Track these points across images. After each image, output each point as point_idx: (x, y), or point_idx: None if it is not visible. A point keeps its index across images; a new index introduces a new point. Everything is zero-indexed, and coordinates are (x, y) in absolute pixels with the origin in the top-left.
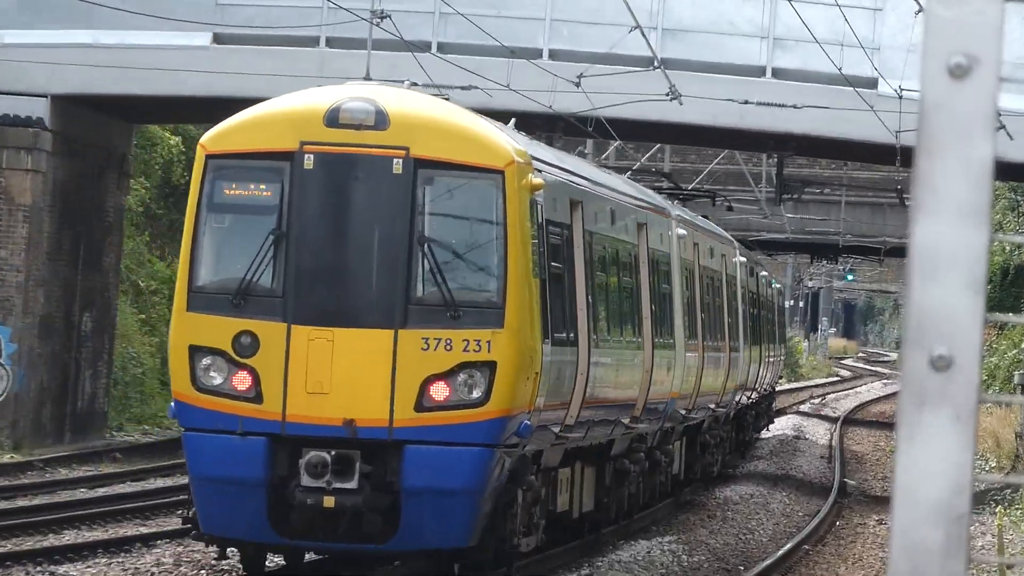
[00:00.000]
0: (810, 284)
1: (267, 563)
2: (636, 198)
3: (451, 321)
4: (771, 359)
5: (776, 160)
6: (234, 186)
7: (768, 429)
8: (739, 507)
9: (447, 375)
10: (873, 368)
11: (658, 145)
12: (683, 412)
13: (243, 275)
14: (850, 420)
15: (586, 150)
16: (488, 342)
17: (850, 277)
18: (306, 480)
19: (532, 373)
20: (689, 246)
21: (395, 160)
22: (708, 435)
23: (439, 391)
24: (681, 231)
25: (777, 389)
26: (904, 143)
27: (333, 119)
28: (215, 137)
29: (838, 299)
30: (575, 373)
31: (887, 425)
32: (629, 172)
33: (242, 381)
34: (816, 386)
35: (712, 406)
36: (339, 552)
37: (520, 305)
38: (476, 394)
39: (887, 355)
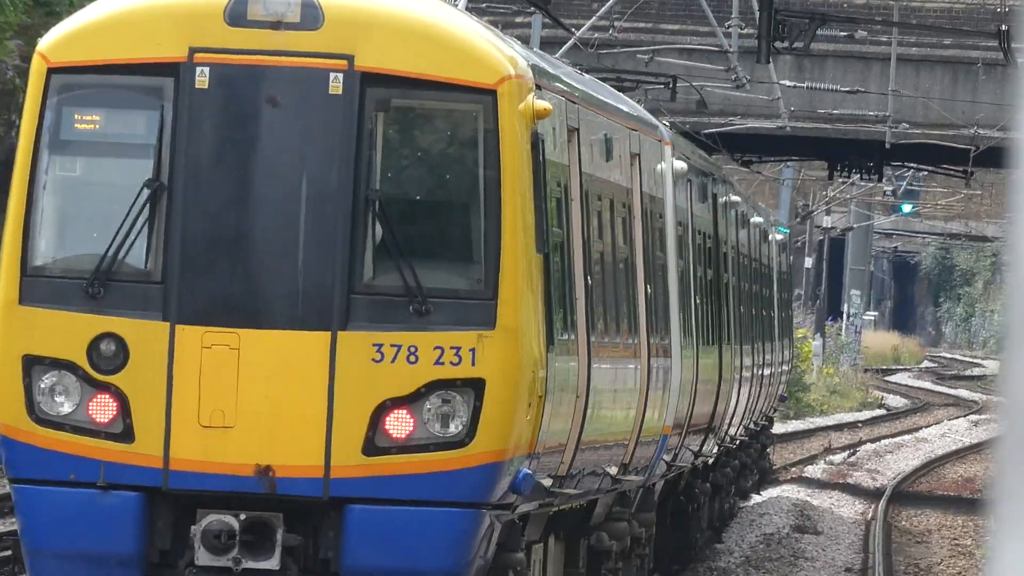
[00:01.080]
0: (827, 224)
1: None
2: (619, 108)
3: (416, 318)
4: (757, 372)
5: None
6: (89, 115)
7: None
8: None
9: (411, 400)
10: (953, 390)
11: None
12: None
13: (104, 250)
14: (906, 496)
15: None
16: (472, 350)
17: (907, 209)
18: (203, 557)
19: (535, 397)
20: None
21: (332, 74)
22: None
23: (399, 424)
24: (679, 163)
25: (775, 427)
26: None
27: (239, 14)
28: (62, 41)
29: (883, 254)
30: (574, 396)
31: (979, 505)
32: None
33: (103, 409)
34: (838, 427)
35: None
36: None
37: (520, 294)
38: (455, 428)
39: (980, 363)
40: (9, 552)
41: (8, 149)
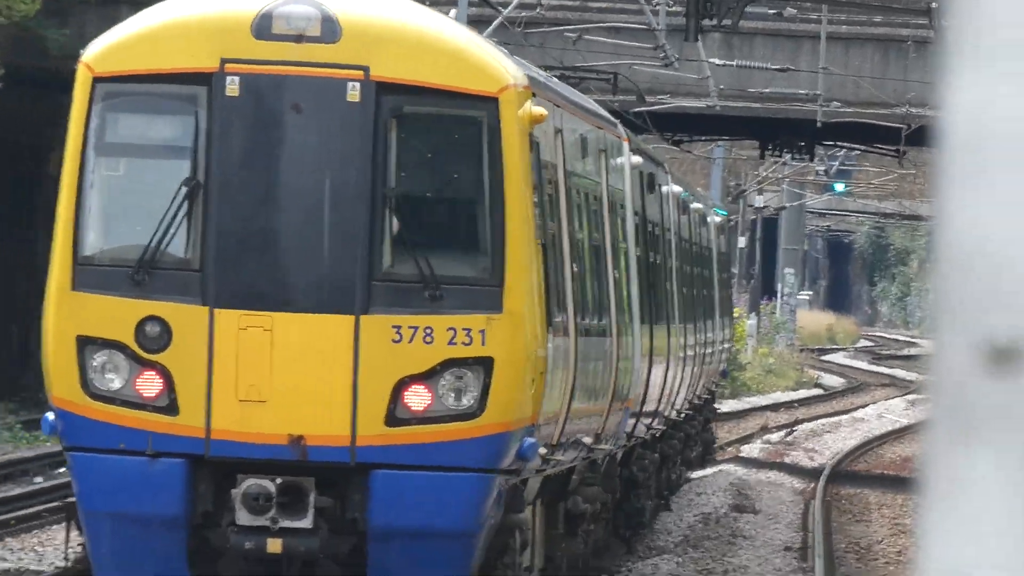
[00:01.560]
0: (760, 203)
1: None
2: (588, 107)
3: (431, 303)
4: (700, 349)
5: None
6: (131, 120)
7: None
8: None
9: (427, 376)
10: (889, 370)
11: None
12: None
13: (147, 241)
14: (844, 475)
15: None
16: (482, 331)
17: (839, 188)
18: (243, 517)
19: (537, 373)
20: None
21: (350, 84)
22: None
23: (417, 398)
24: (635, 158)
25: (717, 406)
26: None
27: (265, 28)
28: (105, 53)
29: (817, 233)
30: (565, 373)
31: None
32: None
33: (150, 385)
34: (774, 406)
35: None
36: None
37: (523, 281)
38: (467, 401)
39: (916, 342)
40: (58, 504)
41: None
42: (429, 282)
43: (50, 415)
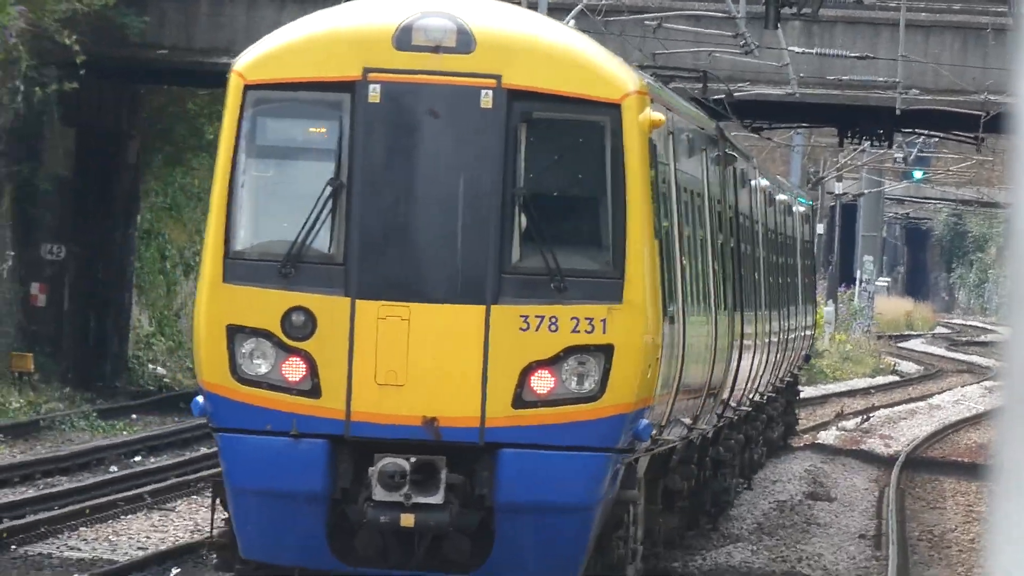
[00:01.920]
0: (839, 190)
1: None
2: (690, 109)
3: (556, 294)
4: (784, 334)
5: None
6: (279, 124)
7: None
8: None
9: (552, 362)
10: (966, 356)
11: None
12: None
13: (294, 237)
14: (919, 462)
15: None
16: (603, 321)
17: (918, 175)
18: (379, 493)
19: (653, 359)
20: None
21: (484, 91)
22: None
23: (542, 382)
24: (729, 155)
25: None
26: None
27: (405, 40)
28: (256, 63)
29: (895, 220)
30: (676, 359)
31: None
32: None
33: (295, 370)
34: (850, 393)
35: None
36: None
37: (642, 274)
38: (588, 386)
39: (992, 328)
40: (203, 484)
41: (12, 117)
42: (555, 275)
43: (199, 398)
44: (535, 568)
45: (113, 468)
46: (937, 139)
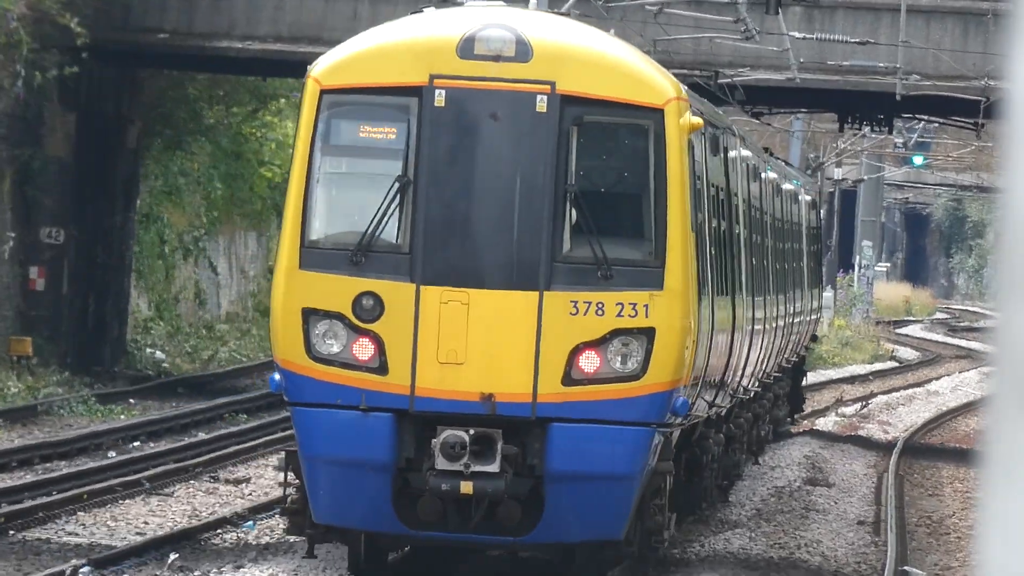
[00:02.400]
0: (838, 176)
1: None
2: (716, 111)
3: (603, 282)
4: (792, 317)
5: None
6: (353, 126)
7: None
8: None
9: (598, 344)
10: (965, 342)
11: None
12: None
13: (364, 228)
14: (918, 448)
15: None
16: (645, 306)
17: (918, 161)
18: (441, 462)
19: (690, 341)
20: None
21: (539, 97)
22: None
23: (589, 362)
24: (744, 152)
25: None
26: None
27: (468, 49)
28: (331, 69)
29: (894, 205)
30: (706, 341)
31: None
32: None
33: (364, 349)
34: (849, 379)
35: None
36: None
37: (681, 264)
38: (632, 365)
39: (991, 314)
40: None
41: (13, 101)
42: (602, 264)
43: (276, 375)
44: (580, 533)
45: (111, 453)
46: (937, 124)
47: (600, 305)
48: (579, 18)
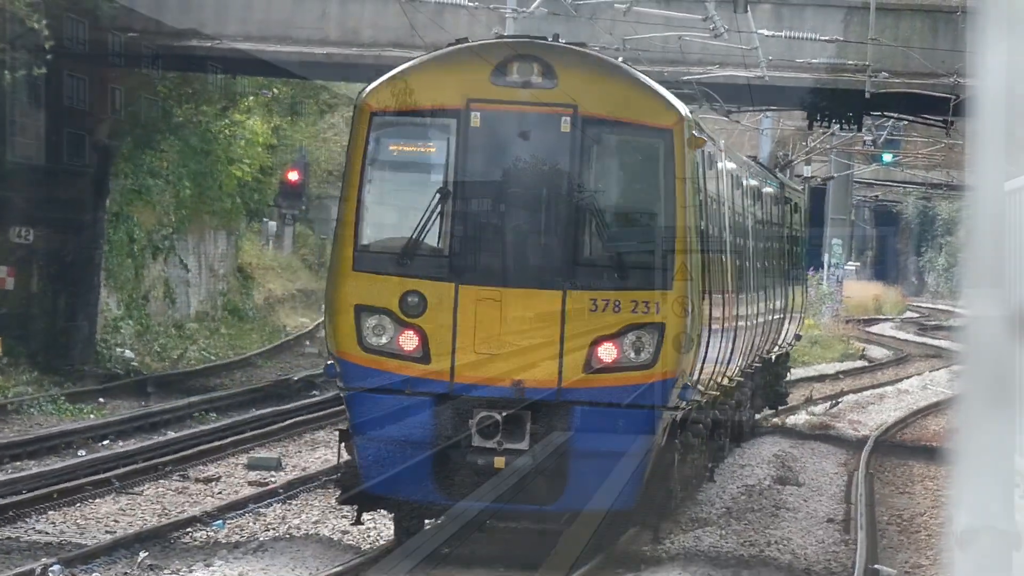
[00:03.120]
0: (807, 174)
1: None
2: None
3: (619, 282)
4: (780, 314)
5: None
6: (399, 144)
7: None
8: None
9: (615, 336)
10: (935, 341)
11: None
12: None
13: (409, 234)
14: (888, 447)
15: None
16: (656, 304)
17: (887, 158)
18: (477, 440)
19: (696, 335)
20: None
21: (564, 118)
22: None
23: (607, 352)
24: (730, 164)
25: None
26: None
27: (500, 76)
28: (379, 94)
29: (864, 203)
30: (706, 335)
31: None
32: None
33: (409, 341)
34: (819, 378)
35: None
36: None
37: (688, 266)
38: (644, 356)
39: (961, 312)
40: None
41: None
42: (618, 266)
43: (331, 364)
44: (600, 500)
45: (81, 452)
46: (907, 122)
47: (616, 303)
48: (547, 17)
